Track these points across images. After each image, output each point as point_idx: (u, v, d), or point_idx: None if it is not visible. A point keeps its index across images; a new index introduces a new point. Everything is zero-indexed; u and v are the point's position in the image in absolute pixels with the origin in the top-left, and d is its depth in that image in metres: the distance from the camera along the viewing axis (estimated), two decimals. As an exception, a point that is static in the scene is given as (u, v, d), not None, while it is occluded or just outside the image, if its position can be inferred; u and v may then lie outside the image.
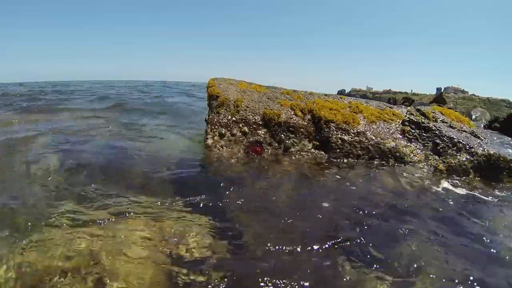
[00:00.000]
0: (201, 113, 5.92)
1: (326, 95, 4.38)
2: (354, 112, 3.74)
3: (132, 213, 1.86)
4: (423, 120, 3.61)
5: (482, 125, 6.81)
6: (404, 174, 2.95)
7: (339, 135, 3.43)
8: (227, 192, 2.23)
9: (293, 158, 3.21)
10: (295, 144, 3.46)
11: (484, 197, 2.54)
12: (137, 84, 21.75)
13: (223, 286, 1.33)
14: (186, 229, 1.73)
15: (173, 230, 1.72)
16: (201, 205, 2.02)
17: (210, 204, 2.03)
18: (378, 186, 2.61)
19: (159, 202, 2.03)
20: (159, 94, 11.96)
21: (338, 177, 2.78)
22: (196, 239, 1.64)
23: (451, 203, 2.37)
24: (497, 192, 2.67)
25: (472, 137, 3.55)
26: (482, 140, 3.52)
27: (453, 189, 2.68)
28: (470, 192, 2.62)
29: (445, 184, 2.78)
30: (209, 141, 3.37)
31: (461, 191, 2.64)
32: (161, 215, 1.86)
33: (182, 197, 2.11)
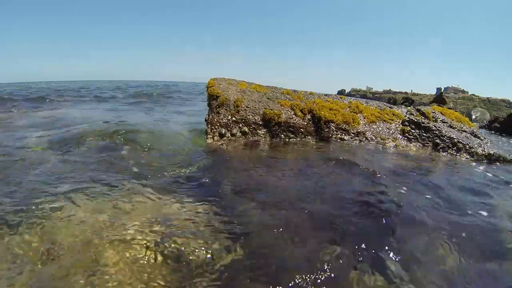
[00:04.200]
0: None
1: (326, 95, 4.38)
2: (354, 112, 3.74)
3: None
4: (423, 120, 3.61)
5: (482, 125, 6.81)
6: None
7: (339, 135, 3.43)
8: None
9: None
10: (295, 144, 3.47)
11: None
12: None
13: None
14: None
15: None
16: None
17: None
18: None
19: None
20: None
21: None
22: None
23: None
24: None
25: (472, 137, 3.55)
26: (482, 140, 3.53)
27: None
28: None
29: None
30: (209, 141, 3.37)
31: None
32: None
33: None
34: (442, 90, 33.82)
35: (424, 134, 3.48)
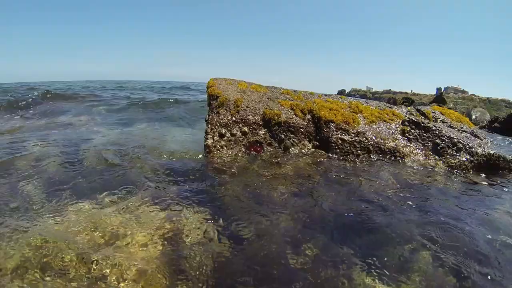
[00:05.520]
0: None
1: (326, 95, 4.38)
2: (354, 112, 3.74)
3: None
4: (423, 120, 3.61)
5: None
6: (404, 172, 2.95)
7: (339, 135, 3.43)
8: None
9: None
10: (295, 144, 3.46)
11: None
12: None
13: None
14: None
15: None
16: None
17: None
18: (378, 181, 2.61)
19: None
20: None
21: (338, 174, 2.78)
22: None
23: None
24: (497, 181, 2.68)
25: (472, 137, 3.55)
26: (482, 140, 3.52)
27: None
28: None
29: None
30: (209, 141, 3.36)
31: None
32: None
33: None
34: (442, 90, 33.80)
35: (424, 134, 3.48)
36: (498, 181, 2.76)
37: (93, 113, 7.03)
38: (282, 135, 3.47)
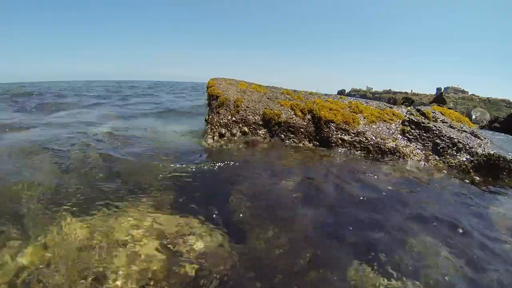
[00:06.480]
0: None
1: (326, 95, 4.38)
2: (354, 112, 3.74)
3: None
4: (423, 120, 3.61)
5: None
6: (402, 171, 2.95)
7: (339, 135, 3.43)
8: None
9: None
10: (295, 144, 3.47)
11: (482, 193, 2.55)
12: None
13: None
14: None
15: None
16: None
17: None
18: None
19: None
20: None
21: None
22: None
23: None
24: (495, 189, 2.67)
25: (472, 137, 3.55)
26: (482, 140, 3.52)
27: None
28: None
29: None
30: (209, 141, 3.37)
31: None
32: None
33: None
34: (442, 90, 33.82)
35: (424, 134, 3.47)
36: (494, 187, 2.75)
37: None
38: (282, 135, 3.47)
